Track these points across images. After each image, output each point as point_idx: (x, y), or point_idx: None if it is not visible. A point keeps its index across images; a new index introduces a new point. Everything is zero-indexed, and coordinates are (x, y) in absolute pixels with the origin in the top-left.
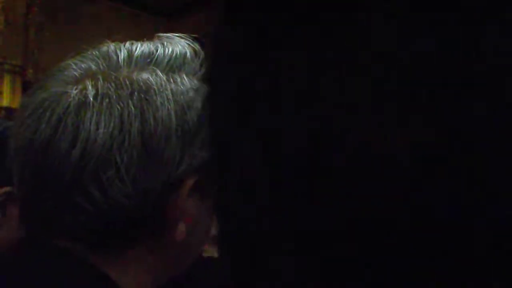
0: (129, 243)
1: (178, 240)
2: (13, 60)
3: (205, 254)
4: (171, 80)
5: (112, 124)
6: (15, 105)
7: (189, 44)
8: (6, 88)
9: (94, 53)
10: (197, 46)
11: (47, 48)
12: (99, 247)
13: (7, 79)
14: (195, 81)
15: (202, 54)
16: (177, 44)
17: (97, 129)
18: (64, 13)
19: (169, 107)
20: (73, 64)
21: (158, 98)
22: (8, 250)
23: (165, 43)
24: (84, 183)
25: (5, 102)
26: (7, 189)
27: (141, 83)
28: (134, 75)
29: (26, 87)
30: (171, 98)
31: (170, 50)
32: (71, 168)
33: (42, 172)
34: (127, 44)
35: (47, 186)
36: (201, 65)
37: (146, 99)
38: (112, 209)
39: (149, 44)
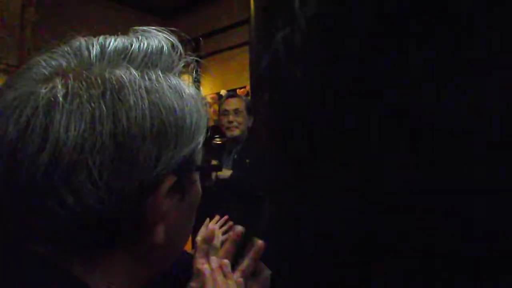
0: (107, 247)
1: (158, 242)
2: (8, 60)
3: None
4: (146, 77)
5: (82, 126)
6: None
7: (166, 38)
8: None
9: (65, 49)
10: (175, 40)
11: (43, 47)
12: (76, 252)
13: (2, 79)
14: (172, 78)
15: (180, 48)
16: (153, 38)
17: (67, 131)
18: (60, 13)
19: (143, 106)
20: (42, 61)
21: (132, 97)
22: None
23: (140, 37)
24: (55, 188)
25: None
26: None
27: (114, 82)
28: (107, 73)
29: None
30: (145, 96)
31: (146, 44)
32: (41, 172)
33: (11, 177)
34: (101, 38)
35: (17, 190)
36: (179, 60)
37: (119, 99)
38: (86, 213)
39: (123, 39)
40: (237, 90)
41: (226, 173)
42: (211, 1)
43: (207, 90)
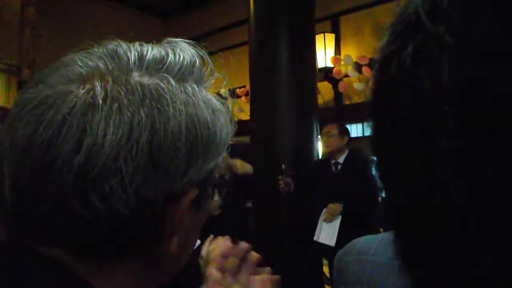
0: (122, 254)
1: (171, 251)
2: (8, 59)
3: None
4: (182, 89)
5: (120, 131)
6: (10, 104)
7: (197, 52)
8: (1, 87)
9: (101, 50)
10: (205, 54)
11: (43, 47)
12: (90, 257)
13: (2, 79)
14: (204, 92)
15: (210, 63)
16: (186, 52)
17: (105, 135)
18: (60, 12)
19: (181, 118)
20: (78, 60)
21: (170, 109)
22: None
23: (176, 50)
24: (85, 190)
25: (0, 102)
26: None
27: (153, 90)
28: (145, 80)
29: (21, 86)
30: (182, 109)
31: (182, 57)
32: (73, 173)
33: (40, 174)
34: (137, 45)
35: (44, 189)
36: (209, 75)
37: (158, 108)
38: (111, 218)
39: (159, 49)
40: (237, 90)
41: (247, 167)
42: (211, 0)
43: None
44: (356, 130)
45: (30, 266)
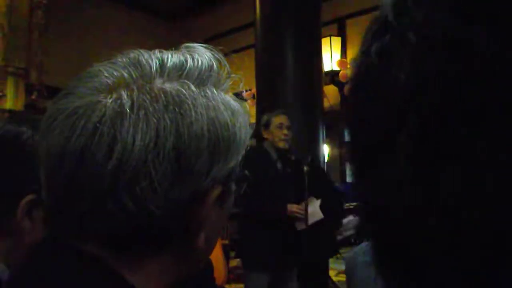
0: (154, 250)
1: (199, 246)
2: (16, 62)
3: None
4: (203, 94)
5: (148, 137)
6: (18, 107)
7: (213, 55)
8: (9, 90)
9: (124, 59)
10: (221, 58)
11: (51, 50)
12: (125, 253)
13: (10, 82)
14: (222, 94)
15: (227, 66)
16: (204, 56)
17: (134, 141)
18: (68, 15)
19: (203, 122)
20: (104, 71)
21: (193, 114)
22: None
23: (194, 55)
24: (118, 193)
25: (8, 105)
26: (30, 197)
27: (175, 96)
28: (167, 87)
29: (29, 89)
30: (204, 113)
31: (200, 62)
32: (106, 177)
33: (75, 179)
34: (157, 53)
35: (80, 192)
36: (226, 78)
37: (181, 113)
38: (142, 217)
39: (178, 55)
40: (243, 93)
41: None
42: (217, 3)
43: None
44: None
45: (72, 262)
